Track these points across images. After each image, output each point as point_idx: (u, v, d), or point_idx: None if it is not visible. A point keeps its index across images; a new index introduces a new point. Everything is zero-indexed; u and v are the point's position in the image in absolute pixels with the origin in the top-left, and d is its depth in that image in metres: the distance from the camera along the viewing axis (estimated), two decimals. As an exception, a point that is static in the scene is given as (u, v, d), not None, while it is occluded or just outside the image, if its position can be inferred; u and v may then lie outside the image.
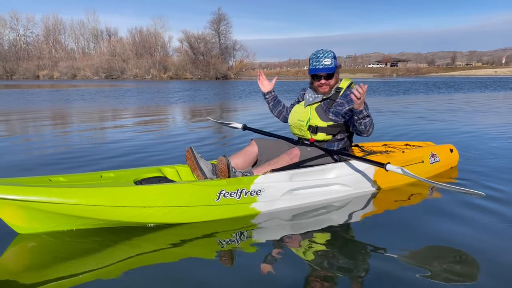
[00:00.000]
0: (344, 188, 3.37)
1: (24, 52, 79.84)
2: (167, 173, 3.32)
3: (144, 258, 2.33)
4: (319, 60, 3.30)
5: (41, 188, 2.47)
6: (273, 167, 3.15)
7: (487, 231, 2.67)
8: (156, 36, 75.80)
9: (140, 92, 23.29)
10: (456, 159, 4.44)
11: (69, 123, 9.35)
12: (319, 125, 3.32)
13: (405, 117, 9.49)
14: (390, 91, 23.87)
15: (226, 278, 2.10)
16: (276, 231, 2.79)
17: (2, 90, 26.77)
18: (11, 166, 4.48)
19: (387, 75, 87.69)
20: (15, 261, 2.33)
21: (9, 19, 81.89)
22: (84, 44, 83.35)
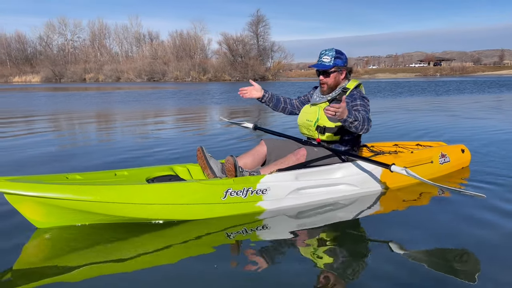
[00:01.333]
0: (351, 188, 3.40)
1: (72, 56, 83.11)
2: (178, 171, 3.42)
3: (153, 253, 2.45)
4: (320, 56, 3.37)
5: (57, 185, 2.62)
6: (279, 167, 3.21)
7: (493, 231, 2.68)
8: (196, 39, 77.15)
9: (180, 94, 23.92)
10: (468, 159, 4.39)
11: (114, 122, 9.90)
12: (327, 125, 3.34)
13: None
14: (439, 90, 23.25)
15: (231, 273, 2.18)
16: (281, 228, 2.87)
17: (52, 93, 28.24)
18: (60, 161, 4.89)
19: (430, 74, 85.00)
20: (34, 253, 2.50)
21: (58, 25, 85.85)
22: (127, 48, 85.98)
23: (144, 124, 9.54)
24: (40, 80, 73.36)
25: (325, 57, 3.34)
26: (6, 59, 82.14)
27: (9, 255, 2.40)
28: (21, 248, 2.50)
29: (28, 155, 5.40)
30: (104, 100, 19.53)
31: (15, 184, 2.53)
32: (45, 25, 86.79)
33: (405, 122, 8.73)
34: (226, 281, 2.10)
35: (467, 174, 4.15)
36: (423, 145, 4.42)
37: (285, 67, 74.55)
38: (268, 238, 2.69)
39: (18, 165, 4.83)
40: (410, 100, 16.40)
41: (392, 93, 22.15)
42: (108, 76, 71.52)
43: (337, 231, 2.79)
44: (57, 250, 2.50)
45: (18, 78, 76.29)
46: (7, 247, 2.51)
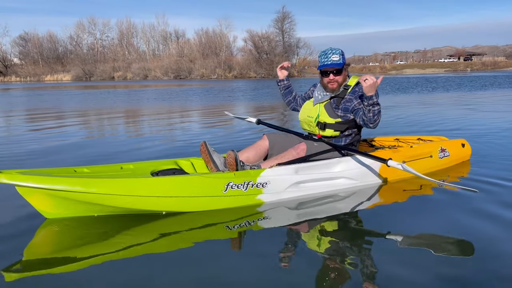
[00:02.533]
0: (350, 181, 3.49)
1: (101, 55, 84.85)
2: (182, 165, 3.53)
3: (156, 243, 2.57)
4: (327, 56, 3.42)
5: (66, 178, 2.76)
6: (279, 161, 3.31)
7: (490, 223, 2.75)
8: (222, 36, 77.56)
9: (205, 92, 24.21)
10: (468, 153, 4.44)
11: (131, 118, 10.20)
12: (328, 121, 3.45)
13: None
14: (474, 86, 22.72)
15: (232, 264, 2.26)
16: (281, 221, 2.98)
17: (82, 90, 29.07)
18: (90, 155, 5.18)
19: (460, 70, 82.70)
20: (44, 242, 2.66)
21: (88, 25, 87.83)
22: (154, 46, 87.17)
23: (157, 119, 9.85)
24: (71, 79, 75.24)
25: (334, 56, 3.41)
26: (39, 58, 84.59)
27: (20, 243, 2.55)
28: (32, 237, 2.66)
29: (55, 146, 5.86)
30: (127, 98, 20.01)
31: (27, 177, 2.68)
32: (76, 25, 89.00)
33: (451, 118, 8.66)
34: (226, 270, 2.19)
35: (467, 168, 4.21)
36: (424, 140, 4.49)
37: (310, 64, 73.99)
38: (268, 230, 2.79)
39: (46, 154, 5.27)
40: (446, 95, 16.14)
41: (424, 88, 21.77)
42: (136, 74, 72.68)
43: (336, 223, 2.87)
44: (65, 240, 2.66)
45: (50, 76, 78.45)
46: (18, 236, 2.67)
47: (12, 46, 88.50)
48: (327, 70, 3.43)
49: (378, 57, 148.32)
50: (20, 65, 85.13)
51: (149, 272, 2.18)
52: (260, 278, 2.11)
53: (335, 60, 3.40)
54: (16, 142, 6.61)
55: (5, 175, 2.65)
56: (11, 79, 79.65)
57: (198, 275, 2.15)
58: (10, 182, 2.64)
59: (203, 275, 2.14)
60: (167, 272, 2.18)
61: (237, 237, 2.68)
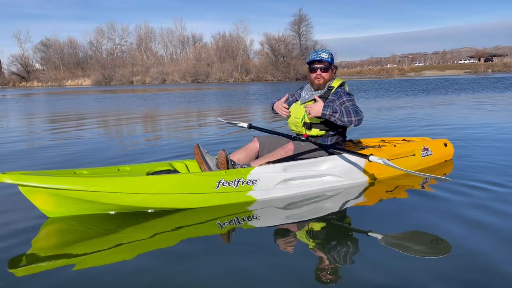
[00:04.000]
0: (336, 179, 3.63)
1: (120, 59, 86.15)
2: (177, 167, 3.68)
3: (152, 239, 2.69)
4: (317, 53, 3.66)
5: (67, 178, 2.90)
6: (268, 160, 3.47)
7: (469, 219, 2.84)
8: (238, 40, 77.96)
9: (222, 95, 24.38)
10: (451, 153, 4.60)
11: (160, 122, 10.39)
12: (313, 121, 3.60)
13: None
14: (499, 87, 22.35)
15: (223, 259, 2.34)
16: (270, 216, 3.12)
17: (102, 95, 29.59)
18: (107, 158, 5.31)
19: (481, 71, 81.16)
20: (46, 239, 2.76)
21: (107, 30, 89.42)
22: (172, 51, 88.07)
23: (156, 124, 9.99)
24: (91, 83, 76.67)
25: (323, 54, 3.64)
26: (60, 64, 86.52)
27: (23, 241, 2.65)
28: (34, 236, 2.76)
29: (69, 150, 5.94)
30: (144, 102, 20.28)
31: (29, 177, 2.81)
32: (95, 31, 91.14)
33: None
34: (217, 265, 2.28)
35: (450, 166, 4.41)
36: (409, 140, 4.63)
37: (327, 66, 73.71)
38: (258, 226, 2.92)
39: (64, 159, 5.35)
40: (472, 97, 15.95)
41: (450, 90, 21.48)
42: (154, 78, 73.67)
43: (322, 219, 2.98)
44: (66, 237, 2.75)
45: (70, 81, 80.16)
46: (21, 234, 2.77)
47: (34, 52, 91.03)
48: (316, 65, 3.63)
49: (396, 59, 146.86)
50: (41, 71, 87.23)
51: (146, 267, 2.27)
52: (249, 273, 2.19)
53: (324, 57, 3.61)
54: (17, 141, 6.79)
55: (9, 176, 2.76)
56: (33, 84, 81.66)
57: (193, 270, 2.24)
58: (14, 182, 2.77)
59: (196, 271, 2.23)
60: (162, 267, 2.27)
61: (227, 233, 2.79)
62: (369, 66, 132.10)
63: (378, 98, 17.29)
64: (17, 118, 12.88)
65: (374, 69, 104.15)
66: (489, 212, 2.95)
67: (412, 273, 2.12)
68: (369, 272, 2.15)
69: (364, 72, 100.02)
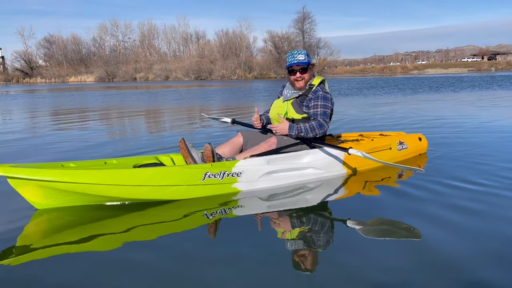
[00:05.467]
0: (317, 171, 3.80)
1: (123, 56, 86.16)
2: (163, 160, 3.78)
3: (139, 229, 2.77)
4: (294, 56, 3.76)
5: (56, 170, 2.96)
6: (252, 153, 3.61)
7: (440, 206, 3.04)
8: (242, 37, 77.86)
9: (225, 92, 24.43)
10: (425, 146, 4.87)
11: (133, 118, 10.46)
12: (295, 117, 3.78)
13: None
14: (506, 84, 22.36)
15: (209, 248, 2.44)
16: (254, 207, 3.25)
17: (105, 91, 29.68)
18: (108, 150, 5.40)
19: (484, 69, 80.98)
20: (35, 231, 2.82)
21: (110, 27, 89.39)
22: (175, 47, 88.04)
23: (147, 119, 10.05)
24: (94, 80, 76.71)
25: (300, 56, 3.75)
26: (63, 60, 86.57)
27: (13, 233, 2.71)
28: (23, 227, 2.83)
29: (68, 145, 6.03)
30: (146, 98, 20.34)
31: (19, 169, 2.86)
32: (98, 27, 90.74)
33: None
34: (203, 254, 2.37)
35: (423, 159, 4.66)
36: (385, 135, 4.78)
37: (330, 64, 73.63)
38: (242, 215, 3.05)
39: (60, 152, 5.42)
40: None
41: (456, 87, 21.51)
42: (157, 75, 73.59)
43: (303, 210, 3.12)
44: (55, 229, 2.81)
45: (74, 78, 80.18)
46: (10, 226, 2.83)
47: (37, 48, 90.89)
48: (294, 68, 3.73)
49: (399, 57, 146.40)
50: (45, 67, 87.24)
51: (134, 257, 2.35)
52: (234, 260, 2.28)
53: (301, 59, 3.72)
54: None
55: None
56: (37, 81, 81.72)
57: (180, 258, 2.32)
58: (3, 174, 2.83)
59: (183, 259, 2.31)
60: (150, 256, 2.35)
61: (214, 222, 2.89)
62: (372, 64, 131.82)
63: (389, 94, 17.31)
64: (16, 113, 12.99)
65: (377, 67, 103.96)
66: (455, 202, 3.14)
67: (386, 258, 2.27)
68: (346, 256, 2.30)
69: (367, 70, 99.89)
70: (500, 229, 2.63)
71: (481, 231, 2.61)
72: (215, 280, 2.07)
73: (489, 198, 3.22)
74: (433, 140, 5.44)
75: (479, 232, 2.59)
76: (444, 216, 2.87)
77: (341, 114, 9.73)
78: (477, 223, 2.73)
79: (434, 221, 2.78)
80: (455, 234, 2.56)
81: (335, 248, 2.45)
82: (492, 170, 4.04)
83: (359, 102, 14.29)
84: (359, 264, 2.20)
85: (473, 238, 2.50)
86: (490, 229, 2.63)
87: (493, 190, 3.42)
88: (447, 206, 3.06)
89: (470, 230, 2.64)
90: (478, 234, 2.56)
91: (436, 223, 2.74)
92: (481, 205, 3.07)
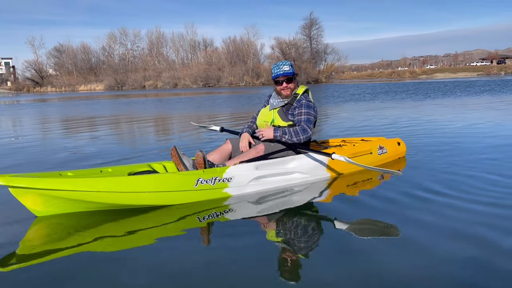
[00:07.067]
0: (303, 176, 4.01)
1: (132, 64, 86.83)
2: (156, 167, 3.93)
3: (136, 233, 2.89)
4: (279, 67, 3.97)
5: (55, 179, 3.09)
6: (242, 160, 3.78)
7: (417, 207, 3.24)
8: (249, 44, 78.17)
9: (232, 99, 24.56)
10: (404, 150, 5.11)
11: (169, 125, 10.59)
12: (281, 124, 3.96)
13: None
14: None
15: (202, 249, 2.58)
16: (245, 210, 3.40)
17: (116, 100, 29.93)
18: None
19: (493, 73, 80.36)
20: (35, 237, 2.91)
21: (119, 35, 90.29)
22: (183, 55, 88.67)
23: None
24: (104, 88, 77.30)
25: (285, 67, 3.96)
26: (73, 69, 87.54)
27: (13, 239, 2.81)
28: (24, 234, 2.93)
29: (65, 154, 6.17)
30: (150, 106, 20.48)
31: (20, 179, 2.99)
32: (108, 36, 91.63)
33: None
34: (197, 255, 2.49)
35: (402, 162, 4.89)
36: (366, 140, 5.03)
37: (337, 70, 73.61)
38: (233, 218, 3.22)
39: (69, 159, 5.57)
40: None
41: (468, 92, 21.45)
42: (166, 82, 74.07)
43: (291, 213, 3.28)
44: (55, 235, 2.91)
45: (83, 86, 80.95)
46: (11, 233, 2.94)
47: (47, 57, 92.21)
48: (280, 79, 3.94)
49: (406, 62, 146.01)
50: (55, 76, 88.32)
51: (132, 260, 2.45)
52: (225, 260, 2.40)
53: (286, 70, 3.93)
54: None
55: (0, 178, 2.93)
56: (47, 90, 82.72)
57: (175, 260, 2.44)
58: (5, 184, 2.94)
59: (178, 260, 2.43)
60: (147, 259, 2.45)
61: (206, 225, 3.04)
62: (379, 69, 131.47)
63: (408, 100, 17.29)
64: (19, 122, 13.20)
65: (385, 72, 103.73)
66: (427, 202, 3.36)
67: (368, 254, 2.43)
68: (331, 254, 2.46)
69: (375, 75, 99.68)
70: (469, 228, 2.78)
71: (450, 228, 2.79)
72: (207, 281, 2.17)
73: (457, 196, 3.46)
74: (412, 144, 5.79)
75: (449, 230, 2.75)
76: (418, 215, 3.07)
77: (354, 120, 9.74)
78: (445, 222, 2.91)
79: (409, 220, 2.98)
80: (427, 231, 2.76)
81: (321, 248, 2.59)
82: (462, 170, 4.34)
83: (375, 106, 14.31)
84: (346, 263, 2.35)
85: (444, 236, 2.66)
86: (458, 227, 2.80)
87: (461, 189, 3.66)
88: (420, 206, 3.28)
89: (440, 228, 2.80)
90: (449, 231, 2.73)
91: (411, 222, 2.95)
92: (450, 202, 3.32)
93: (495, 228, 2.74)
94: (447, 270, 2.21)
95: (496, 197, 3.38)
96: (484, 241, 2.55)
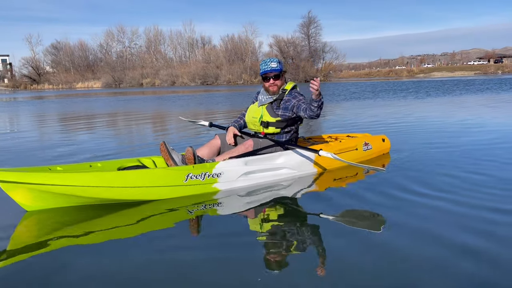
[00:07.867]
0: (291, 171, 4.10)
1: (130, 62, 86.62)
2: (145, 162, 3.94)
3: (126, 227, 2.92)
4: (267, 64, 4.03)
5: (45, 174, 3.09)
6: (231, 155, 3.84)
7: (398, 199, 3.37)
8: (247, 42, 78.15)
9: (229, 97, 24.52)
10: (388, 147, 5.22)
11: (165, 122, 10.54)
12: (270, 120, 4.03)
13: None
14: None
15: (192, 244, 2.61)
16: (233, 205, 3.45)
17: (112, 97, 29.86)
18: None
19: (491, 72, 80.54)
20: (26, 232, 2.93)
21: (117, 33, 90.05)
22: (181, 53, 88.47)
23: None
24: (101, 86, 77.11)
25: (272, 63, 4.01)
26: (70, 67, 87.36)
27: (4, 233, 2.81)
28: (14, 229, 2.93)
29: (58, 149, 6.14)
30: (164, 103, 20.45)
31: (10, 174, 2.98)
32: (105, 33, 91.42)
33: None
34: (187, 249, 2.52)
35: (387, 158, 5.00)
36: (352, 136, 5.12)
37: (335, 68, 73.58)
38: (222, 213, 3.28)
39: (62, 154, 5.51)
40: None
41: (469, 90, 21.49)
42: (163, 80, 73.96)
43: (279, 207, 3.35)
44: (45, 229, 2.92)
45: (81, 84, 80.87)
46: (1, 228, 2.93)
47: (44, 54, 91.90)
48: (268, 75, 3.98)
49: (404, 60, 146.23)
50: (52, 73, 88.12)
51: (122, 254, 2.46)
52: (215, 257, 2.40)
53: (274, 67, 3.99)
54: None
55: None
56: (44, 87, 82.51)
57: (165, 253, 2.45)
58: None
59: (168, 253, 2.45)
60: (137, 253, 2.46)
61: (196, 219, 3.08)
62: (377, 67, 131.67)
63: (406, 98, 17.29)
64: (13, 119, 13.13)
65: (383, 71, 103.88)
66: (409, 196, 3.46)
67: (352, 246, 2.48)
68: (317, 246, 2.54)
69: (373, 73, 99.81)
70: (442, 227, 2.79)
71: (426, 226, 2.80)
72: (196, 274, 2.19)
73: (436, 194, 3.50)
74: (396, 140, 5.95)
75: (424, 228, 2.77)
76: (400, 207, 3.18)
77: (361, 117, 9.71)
78: (422, 218, 2.95)
79: (391, 211, 3.09)
80: (408, 223, 2.85)
81: (308, 238, 2.67)
82: (445, 165, 4.51)
83: (385, 103, 14.30)
84: (329, 252, 2.43)
85: (418, 233, 2.69)
86: (433, 225, 2.82)
87: (439, 187, 3.71)
88: (402, 199, 3.39)
89: (417, 225, 2.82)
90: (424, 229, 2.74)
91: (393, 213, 3.05)
92: (432, 197, 3.40)
93: (469, 227, 2.74)
94: (423, 268, 2.21)
95: (472, 194, 3.45)
96: (460, 239, 2.55)
